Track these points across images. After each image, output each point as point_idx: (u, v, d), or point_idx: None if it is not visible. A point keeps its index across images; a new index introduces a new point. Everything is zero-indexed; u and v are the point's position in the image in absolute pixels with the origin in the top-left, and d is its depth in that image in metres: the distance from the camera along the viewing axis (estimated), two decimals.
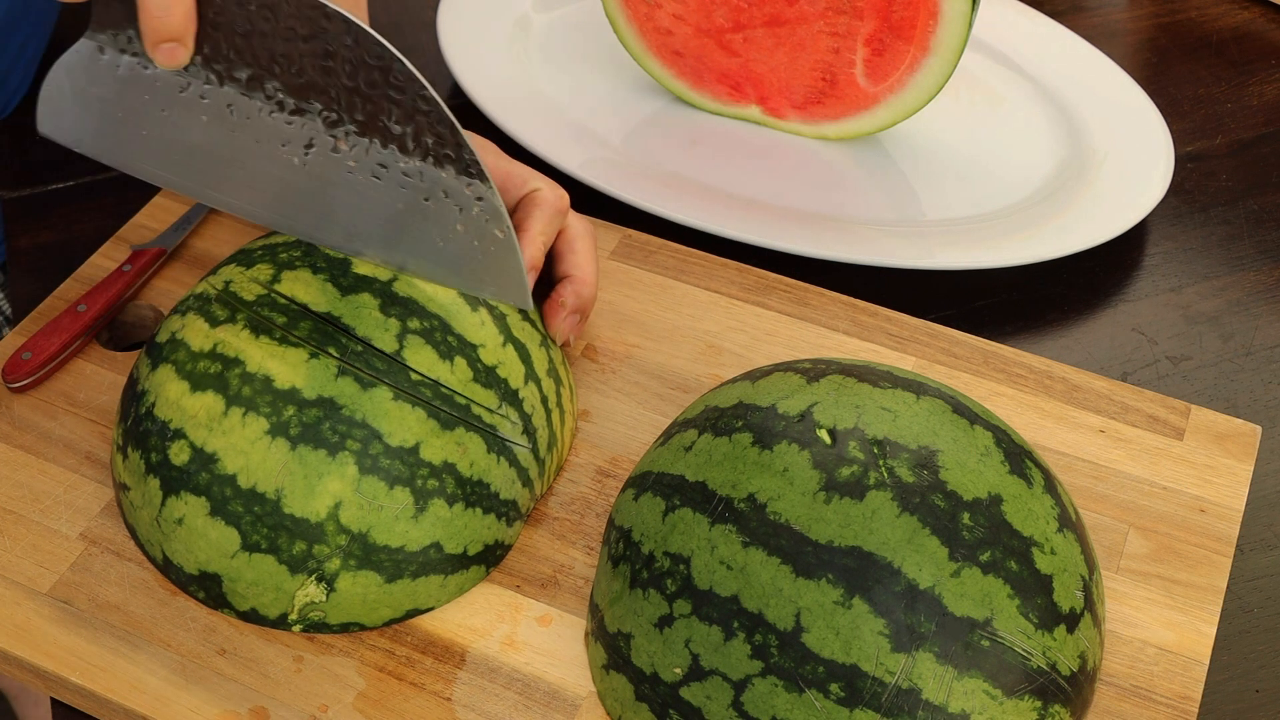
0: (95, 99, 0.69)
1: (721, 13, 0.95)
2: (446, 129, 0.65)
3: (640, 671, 0.60)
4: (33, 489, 0.71)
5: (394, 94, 0.64)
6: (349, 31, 0.63)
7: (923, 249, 0.87)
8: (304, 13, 0.63)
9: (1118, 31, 1.14)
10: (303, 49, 0.64)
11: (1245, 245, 0.93)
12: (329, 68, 0.64)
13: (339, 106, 0.66)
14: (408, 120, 0.65)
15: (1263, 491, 0.77)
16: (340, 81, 0.65)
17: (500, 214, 0.66)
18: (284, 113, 0.66)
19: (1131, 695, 0.64)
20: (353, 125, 0.66)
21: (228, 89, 0.66)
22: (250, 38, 0.64)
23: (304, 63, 0.65)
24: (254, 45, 0.65)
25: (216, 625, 0.65)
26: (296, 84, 0.66)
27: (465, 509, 0.65)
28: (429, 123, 0.65)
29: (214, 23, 0.64)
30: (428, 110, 0.64)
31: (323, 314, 0.64)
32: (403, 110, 0.65)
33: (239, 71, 0.66)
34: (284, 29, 0.64)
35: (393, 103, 0.65)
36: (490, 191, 0.65)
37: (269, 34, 0.64)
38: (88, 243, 0.86)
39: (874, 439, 0.59)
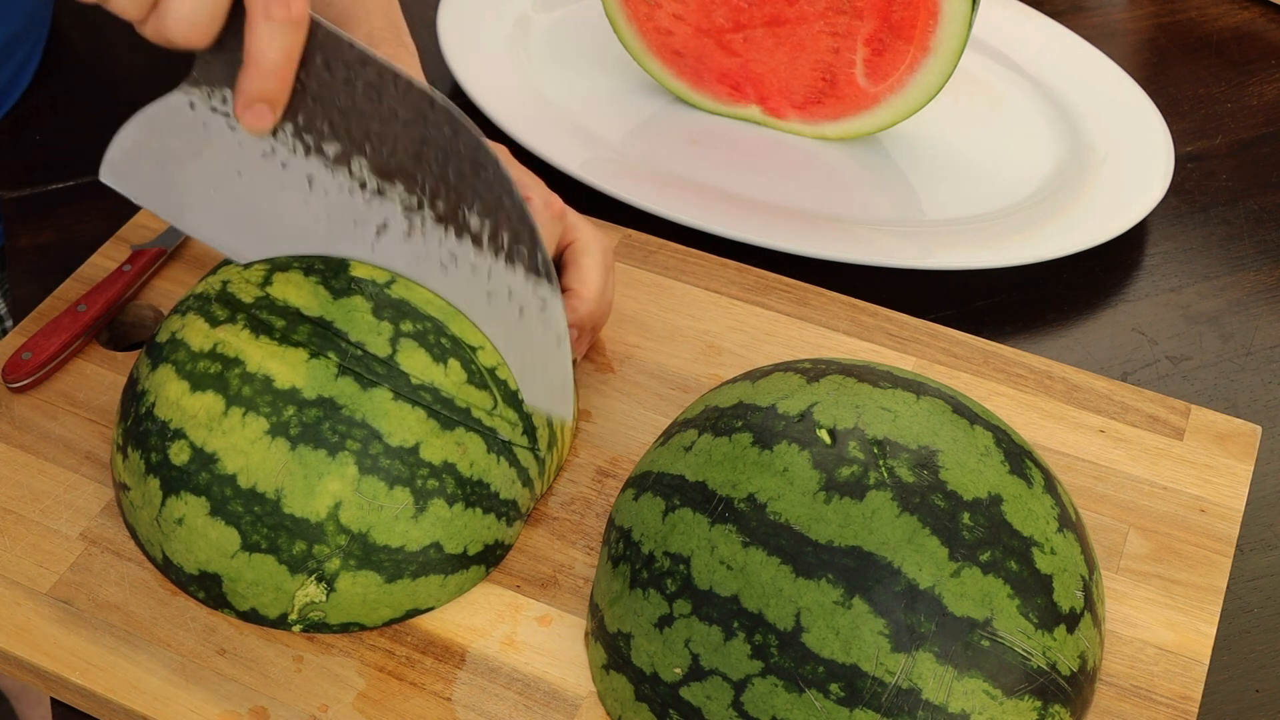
0: (172, 153, 0.69)
1: (721, 13, 0.95)
2: (525, 229, 0.65)
3: (640, 671, 0.60)
4: (33, 489, 0.71)
5: (481, 188, 0.64)
6: (450, 122, 0.63)
7: (923, 249, 0.87)
8: (410, 99, 0.63)
9: (1118, 31, 1.14)
10: (399, 132, 0.64)
11: (1245, 245, 0.93)
12: (421, 154, 0.65)
13: (422, 192, 0.66)
14: (488, 215, 0.65)
15: (1263, 491, 0.77)
16: (429, 169, 0.65)
17: (560, 322, 0.66)
18: (364, 192, 0.66)
19: (1131, 695, 0.64)
20: (431, 214, 0.66)
21: (313, 161, 0.66)
22: (348, 114, 0.65)
23: (397, 145, 0.65)
24: (350, 122, 0.65)
25: (216, 625, 0.65)
26: (384, 165, 0.66)
27: (465, 509, 0.65)
28: (509, 221, 0.65)
29: (315, 95, 0.64)
30: (510, 209, 0.64)
31: (315, 318, 0.64)
32: (486, 205, 0.65)
33: (328, 146, 0.66)
34: (385, 111, 0.64)
35: (478, 196, 0.65)
36: (555, 296, 0.65)
37: (369, 114, 0.64)
38: (88, 243, 0.86)
39: (874, 439, 0.59)
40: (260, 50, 0.61)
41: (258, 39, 0.61)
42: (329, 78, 0.64)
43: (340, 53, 0.63)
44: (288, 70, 0.62)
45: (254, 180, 0.68)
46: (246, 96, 0.62)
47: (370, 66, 0.63)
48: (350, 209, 0.67)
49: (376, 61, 0.63)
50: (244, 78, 0.62)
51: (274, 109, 0.63)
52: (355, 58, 0.63)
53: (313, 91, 0.64)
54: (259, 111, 0.63)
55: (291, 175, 0.67)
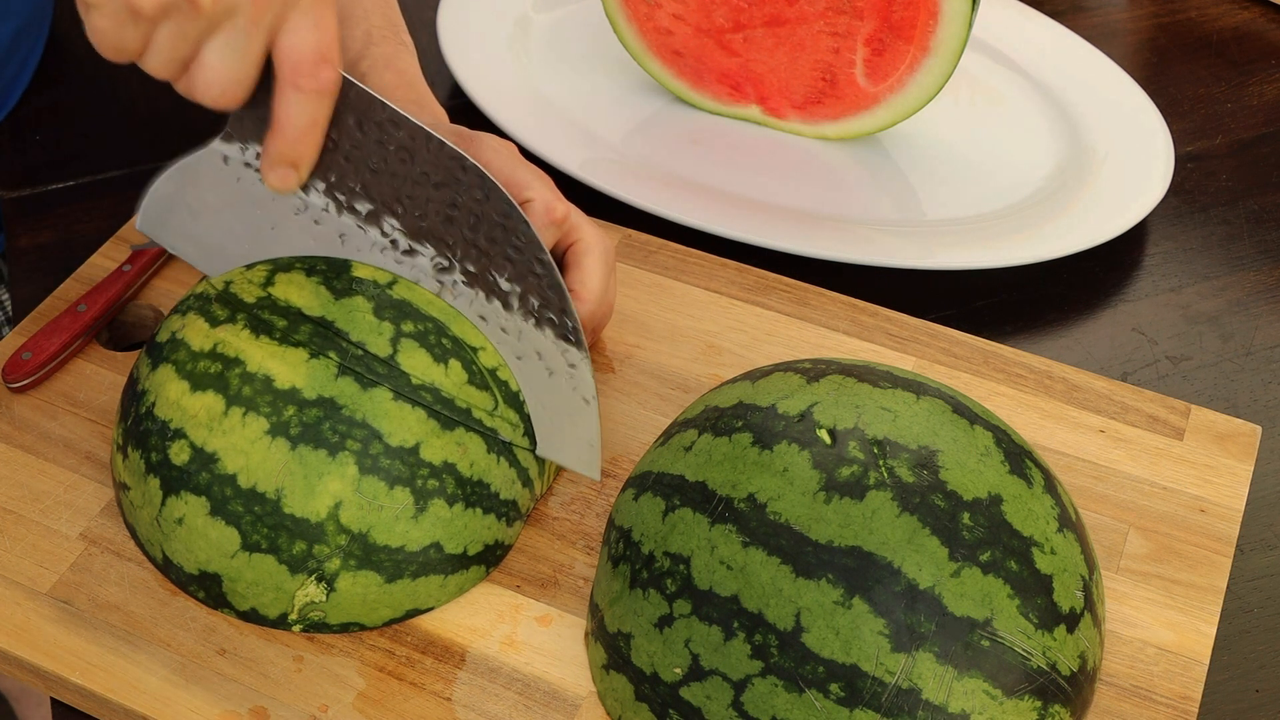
0: (205, 206, 0.69)
1: (721, 13, 0.95)
2: (555, 294, 0.66)
3: (640, 671, 0.60)
4: (33, 489, 0.71)
5: (511, 252, 0.65)
6: (482, 186, 0.64)
7: (923, 249, 0.87)
8: (442, 162, 0.64)
9: (1118, 31, 1.14)
10: (431, 194, 0.65)
11: (1245, 245, 0.93)
12: (453, 217, 0.66)
13: (453, 255, 0.66)
14: (519, 279, 0.66)
15: (1263, 491, 0.77)
16: (460, 232, 0.66)
17: (589, 384, 0.67)
18: (395, 251, 0.67)
19: (1131, 695, 0.64)
20: (462, 275, 0.67)
21: (345, 219, 0.67)
22: (380, 175, 0.66)
23: (429, 207, 0.66)
24: (382, 183, 0.66)
25: (216, 625, 0.65)
26: (415, 226, 0.66)
27: (465, 509, 0.65)
28: (539, 285, 0.66)
29: (348, 155, 0.65)
30: (541, 274, 0.65)
31: (316, 318, 0.64)
32: (516, 269, 0.66)
33: (360, 204, 0.67)
34: (417, 173, 0.65)
35: (508, 260, 0.66)
36: (584, 360, 0.66)
37: (400, 175, 0.65)
38: (88, 243, 0.86)
39: (874, 439, 0.59)
40: (287, 117, 0.62)
41: (285, 106, 0.61)
42: (361, 138, 0.65)
43: (373, 113, 0.64)
44: (314, 137, 0.63)
45: (287, 234, 0.69)
46: (271, 159, 0.63)
47: (403, 128, 0.64)
48: (382, 267, 0.68)
49: (409, 123, 0.64)
50: (270, 140, 0.63)
51: (299, 172, 0.64)
52: (388, 118, 0.64)
53: (345, 151, 0.65)
54: (283, 174, 0.64)
55: (324, 231, 0.68)
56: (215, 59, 0.60)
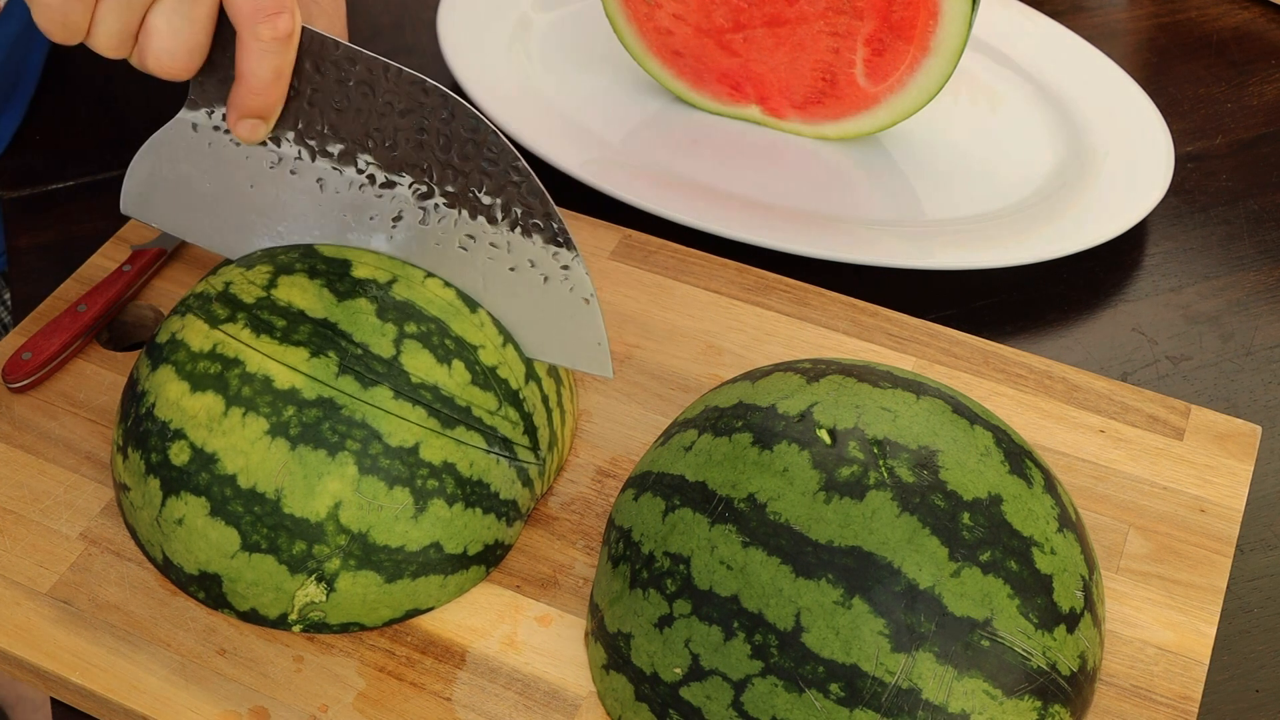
0: (184, 176, 0.69)
1: (721, 13, 0.95)
2: (537, 199, 0.65)
3: (640, 671, 0.60)
4: (33, 489, 0.71)
5: (486, 166, 0.65)
6: (445, 105, 0.64)
7: (923, 249, 0.87)
8: (403, 88, 0.64)
9: (1118, 31, 1.14)
10: (398, 123, 0.65)
11: (1245, 245, 0.93)
12: (423, 141, 0.65)
13: (430, 179, 0.66)
14: (499, 192, 0.66)
15: (1263, 491, 0.77)
16: (433, 155, 0.66)
17: (585, 283, 0.66)
18: (374, 186, 0.67)
19: (1131, 695, 0.64)
20: (443, 198, 0.67)
21: (320, 163, 0.67)
22: (345, 113, 0.66)
23: (398, 137, 0.66)
24: (349, 121, 0.66)
25: (216, 625, 0.65)
26: (389, 158, 0.66)
27: (465, 509, 0.65)
28: (520, 194, 0.65)
29: (310, 99, 0.65)
30: (519, 181, 0.65)
31: (319, 320, 0.64)
32: (494, 182, 0.66)
33: (332, 146, 0.67)
34: (381, 104, 0.65)
35: (485, 175, 0.65)
36: (577, 261, 0.66)
37: (365, 110, 0.65)
38: (88, 243, 0.86)
39: (874, 439, 0.59)
40: (251, 69, 0.61)
41: (248, 58, 0.61)
42: (321, 80, 0.65)
43: (327, 53, 0.64)
44: (279, 86, 0.63)
45: (267, 189, 0.69)
46: (239, 111, 0.63)
47: (360, 62, 0.64)
48: (364, 205, 0.68)
49: (365, 56, 0.64)
50: (236, 94, 0.62)
51: (266, 121, 0.64)
52: (343, 55, 0.64)
53: (307, 96, 0.65)
54: (251, 125, 0.63)
55: (302, 180, 0.68)
56: (163, 24, 0.59)
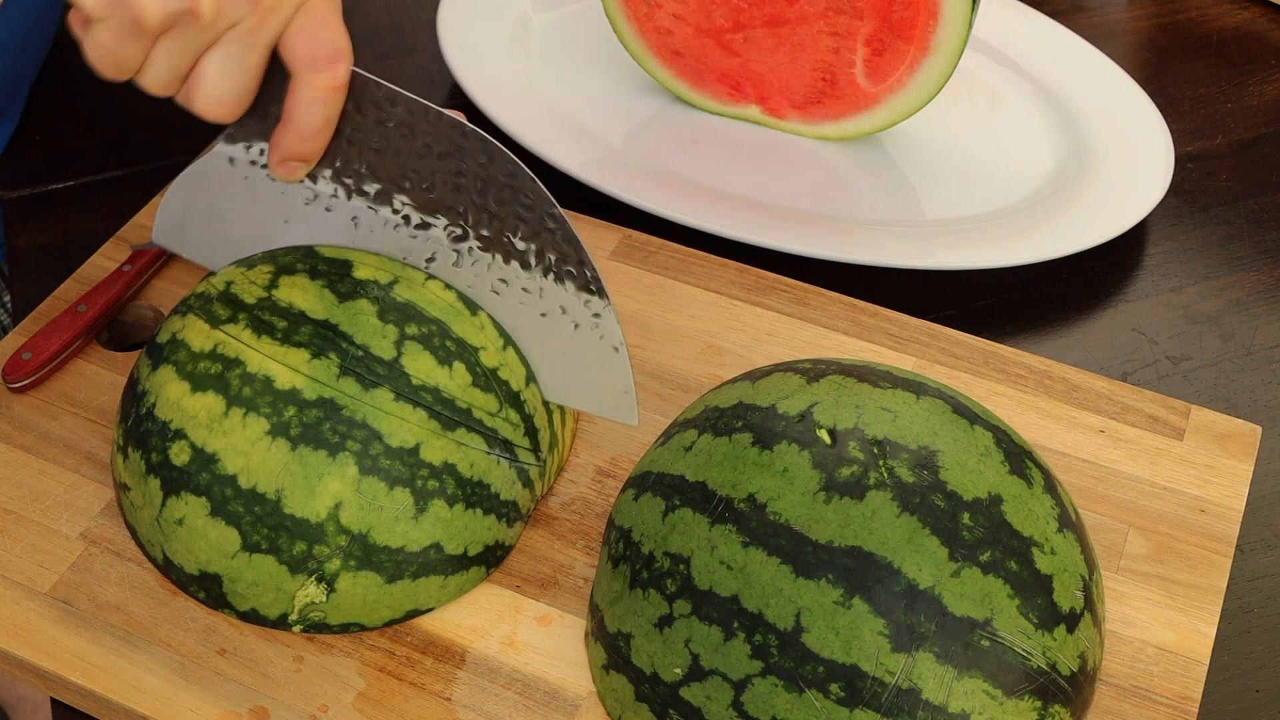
0: (217, 210, 0.70)
1: (721, 13, 0.95)
2: (571, 246, 0.66)
3: (640, 671, 0.60)
4: (33, 489, 0.71)
5: (522, 211, 0.66)
6: (484, 150, 0.65)
7: (923, 249, 0.87)
8: (442, 131, 0.65)
9: (1118, 31, 1.14)
10: (436, 166, 0.66)
11: (1245, 245, 0.93)
12: (460, 184, 0.66)
13: (465, 222, 0.67)
14: (533, 237, 0.66)
15: (1263, 491, 0.77)
16: (470, 198, 0.66)
17: (616, 331, 0.67)
18: (409, 226, 0.68)
19: (1131, 695, 0.64)
20: (477, 241, 0.67)
21: (355, 202, 0.68)
22: (384, 154, 0.66)
23: (435, 179, 0.66)
24: (387, 161, 0.66)
25: (216, 625, 0.65)
26: (425, 200, 0.67)
27: (465, 510, 0.65)
28: (554, 240, 0.66)
29: (350, 139, 0.66)
30: (554, 229, 0.65)
31: (320, 321, 0.64)
32: (529, 227, 0.66)
33: (368, 186, 0.67)
34: (420, 146, 0.65)
35: (520, 220, 0.66)
36: (608, 309, 0.66)
37: (404, 151, 0.66)
38: (88, 243, 0.86)
39: (874, 439, 0.59)
40: (300, 115, 0.61)
41: (299, 104, 0.61)
42: (361, 119, 0.65)
43: (369, 93, 0.64)
44: (327, 132, 0.63)
45: (301, 225, 0.69)
46: (282, 153, 0.63)
47: (400, 104, 0.64)
48: (397, 244, 0.68)
49: (406, 98, 0.64)
50: (281, 135, 0.62)
51: (308, 164, 0.64)
52: (384, 96, 0.64)
53: (346, 135, 0.66)
54: (292, 167, 0.64)
55: (337, 217, 0.68)
56: (214, 72, 0.59)
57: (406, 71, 1.04)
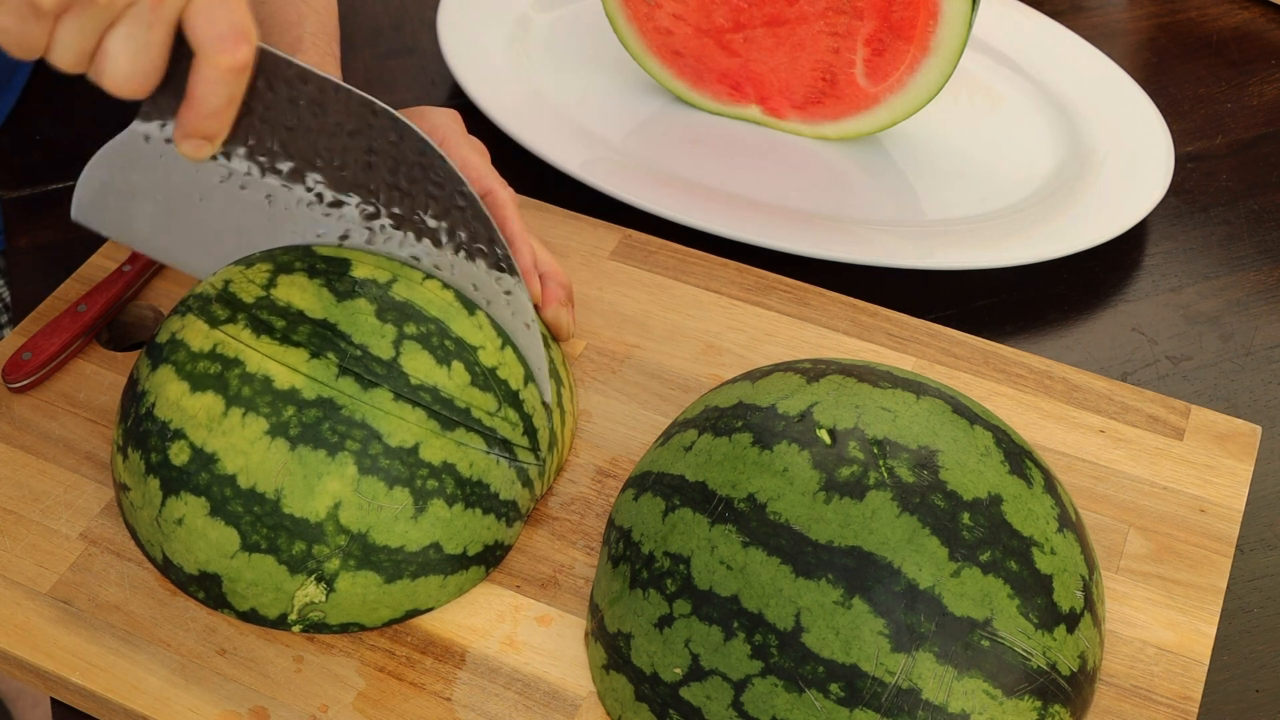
0: (134, 187, 0.70)
1: (721, 13, 0.95)
2: (481, 224, 0.66)
3: (640, 671, 0.60)
4: (33, 489, 0.71)
5: (433, 189, 0.66)
6: (395, 128, 0.65)
7: (923, 249, 0.87)
8: (353, 109, 0.65)
9: (1118, 31, 1.14)
10: (347, 144, 0.66)
11: (1245, 245, 0.93)
12: (371, 162, 0.66)
13: (377, 200, 0.67)
14: (444, 215, 0.67)
15: (1263, 491, 0.77)
16: (381, 176, 0.67)
17: (527, 308, 0.68)
18: (322, 204, 0.68)
19: (1131, 695, 0.64)
20: (389, 219, 0.67)
21: (269, 180, 0.68)
22: (296, 132, 0.66)
23: (347, 157, 0.66)
24: (299, 139, 0.66)
25: (216, 625, 0.65)
26: (337, 178, 0.67)
27: (465, 509, 0.65)
28: (465, 218, 0.66)
29: (262, 116, 0.66)
30: (464, 206, 0.66)
31: (318, 320, 0.65)
32: (440, 205, 0.66)
33: (281, 164, 0.67)
34: (331, 124, 0.66)
35: (431, 198, 0.66)
36: (519, 285, 0.67)
37: (315, 129, 0.66)
38: (88, 243, 0.86)
39: (874, 439, 0.59)
40: (203, 95, 0.61)
41: (202, 82, 0.61)
42: (273, 97, 0.65)
43: (280, 71, 0.64)
44: (230, 111, 0.63)
45: (216, 203, 0.69)
46: (185, 130, 0.63)
47: (311, 82, 0.65)
48: (312, 223, 0.69)
49: (316, 76, 0.64)
50: (185, 114, 0.62)
51: (213, 142, 0.64)
52: (295, 75, 0.64)
53: (259, 113, 0.66)
54: (196, 144, 0.64)
55: (251, 195, 0.69)
56: (118, 49, 0.59)
57: (406, 71, 1.04)
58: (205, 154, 0.64)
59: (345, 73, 1.00)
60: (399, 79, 1.03)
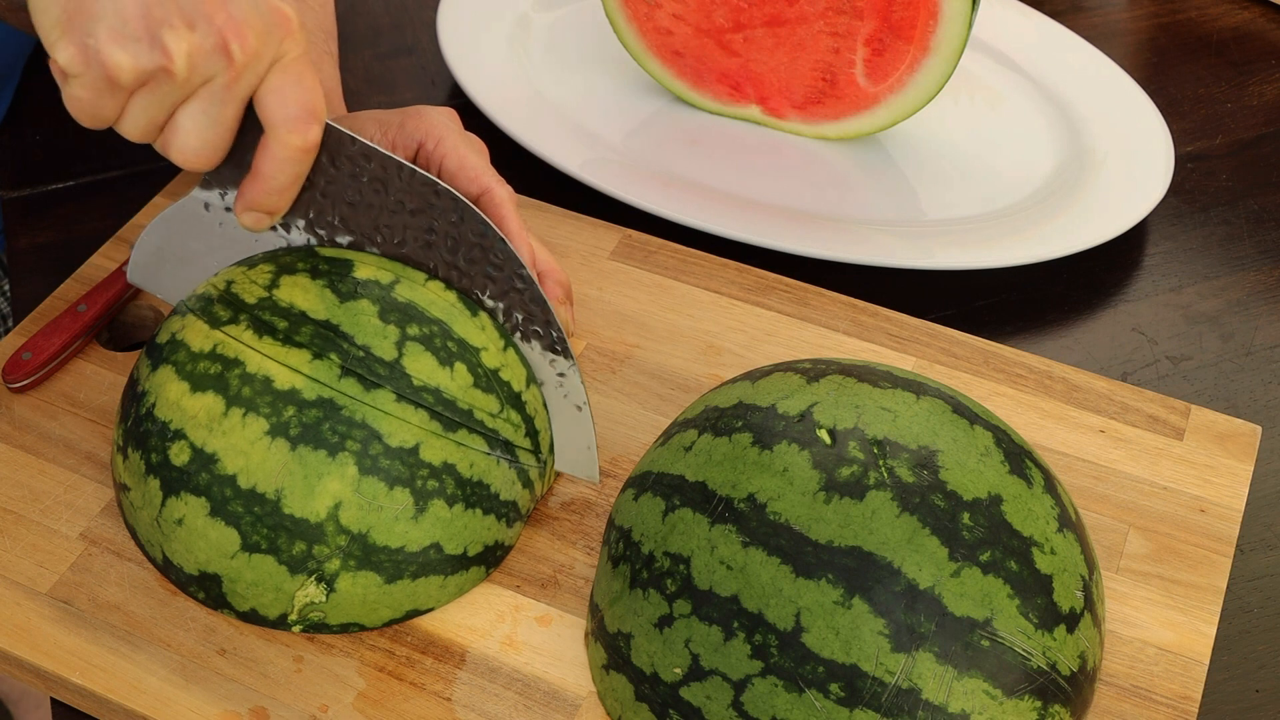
0: (193, 253, 0.70)
1: (721, 13, 0.95)
2: (539, 307, 0.67)
3: (640, 671, 0.60)
4: (33, 489, 0.71)
5: (491, 271, 0.67)
6: (456, 209, 0.66)
7: (923, 249, 0.87)
8: (415, 188, 0.66)
9: (1118, 31, 1.14)
10: (408, 221, 0.67)
11: (1245, 245, 0.93)
12: (431, 241, 0.67)
13: (436, 279, 0.68)
14: (502, 296, 0.67)
15: (1263, 491, 0.77)
16: (440, 255, 0.67)
17: (579, 390, 0.69)
18: None
19: (1131, 695, 0.64)
20: None
21: None
22: (357, 207, 0.67)
23: (407, 234, 0.67)
24: (359, 215, 0.67)
25: (216, 625, 0.65)
26: (396, 254, 0.68)
27: (465, 510, 0.65)
28: (522, 300, 0.67)
29: (324, 191, 0.66)
30: (523, 289, 0.67)
31: (321, 321, 0.65)
32: (498, 286, 0.67)
33: (341, 237, 0.68)
34: (393, 202, 0.66)
35: (489, 279, 0.67)
36: (572, 369, 0.68)
37: (376, 205, 0.66)
38: (88, 243, 0.86)
39: (874, 439, 0.59)
40: (270, 171, 0.62)
41: (270, 160, 0.62)
42: (335, 173, 0.66)
43: (344, 148, 0.65)
44: (295, 188, 0.64)
45: None
46: (248, 204, 0.64)
47: (374, 160, 0.65)
48: None
49: (380, 154, 0.65)
50: (249, 186, 0.63)
51: (274, 216, 0.64)
52: (359, 151, 0.65)
53: (320, 187, 0.66)
54: (257, 218, 0.64)
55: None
56: (190, 124, 0.60)
57: (407, 71, 1.04)
58: (264, 226, 0.65)
59: (345, 73, 1.01)
60: (399, 79, 1.03)
